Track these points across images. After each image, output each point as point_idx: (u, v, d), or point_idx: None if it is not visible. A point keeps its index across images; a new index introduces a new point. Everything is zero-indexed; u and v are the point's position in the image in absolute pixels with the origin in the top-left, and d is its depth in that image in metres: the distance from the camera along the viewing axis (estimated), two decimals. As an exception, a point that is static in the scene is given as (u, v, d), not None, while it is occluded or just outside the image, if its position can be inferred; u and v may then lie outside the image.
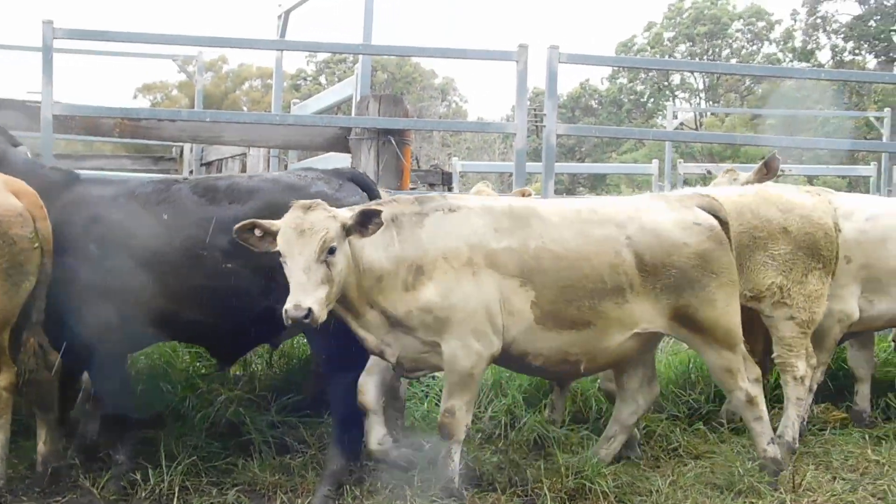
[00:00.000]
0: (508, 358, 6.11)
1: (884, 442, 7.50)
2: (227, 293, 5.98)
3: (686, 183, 18.11)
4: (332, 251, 5.41)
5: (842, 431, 7.79)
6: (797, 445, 7.19)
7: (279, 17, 13.54)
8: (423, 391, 7.99)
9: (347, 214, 5.55)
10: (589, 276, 5.98)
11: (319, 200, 5.56)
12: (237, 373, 8.01)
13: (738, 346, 6.42)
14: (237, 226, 5.55)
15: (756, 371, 6.56)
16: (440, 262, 5.78)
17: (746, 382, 6.42)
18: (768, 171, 8.61)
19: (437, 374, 7.76)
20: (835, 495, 6.32)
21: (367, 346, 5.93)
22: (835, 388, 8.44)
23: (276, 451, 6.86)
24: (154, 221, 6.15)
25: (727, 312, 6.31)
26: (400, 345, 5.90)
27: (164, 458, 6.38)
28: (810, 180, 29.46)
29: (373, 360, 6.20)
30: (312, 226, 5.39)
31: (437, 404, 7.83)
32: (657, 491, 6.27)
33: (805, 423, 7.47)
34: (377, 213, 5.52)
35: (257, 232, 5.54)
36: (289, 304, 5.26)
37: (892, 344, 8.60)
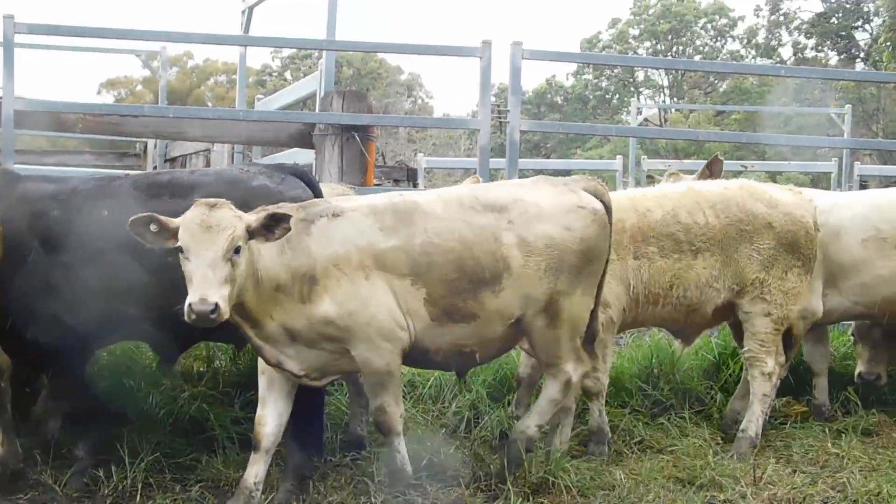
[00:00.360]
0: (410, 356, 5.98)
1: (843, 435, 7.55)
2: (167, 289, 5.85)
3: (650, 178, 18.20)
4: (237, 250, 5.27)
5: (802, 425, 7.85)
6: (759, 440, 7.26)
7: (243, 12, 13.51)
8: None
9: (253, 217, 5.40)
10: (472, 267, 5.84)
11: (224, 200, 5.42)
12: (201, 369, 7.99)
13: (575, 335, 6.26)
14: (132, 218, 5.34)
15: (588, 366, 6.42)
16: (331, 270, 5.64)
17: (572, 371, 6.25)
18: (711, 173, 8.66)
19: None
20: (795, 488, 6.35)
21: (265, 357, 5.78)
22: (796, 382, 8.50)
23: (240, 448, 6.82)
24: (95, 218, 6.09)
25: (582, 301, 6.19)
26: (302, 357, 5.76)
27: (128, 454, 6.33)
28: (773, 176, 29.73)
29: (267, 390, 5.99)
30: (220, 222, 5.25)
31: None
32: (620, 485, 6.30)
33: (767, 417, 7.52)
34: (286, 217, 5.39)
35: (153, 227, 5.34)
36: (193, 298, 5.10)
37: (852, 338, 8.68)
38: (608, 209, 6.26)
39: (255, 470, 5.87)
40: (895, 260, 7.76)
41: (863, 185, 16.32)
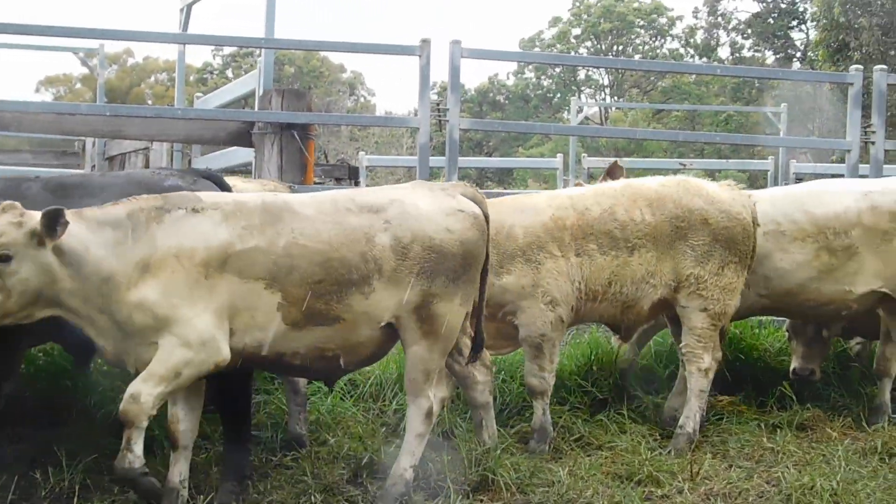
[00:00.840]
0: (264, 361, 5.80)
1: (779, 430, 7.65)
2: None
3: (591, 177, 18.34)
4: (4, 259, 5.15)
5: (738, 420, 7.95)
6: (696, 436, 7.36)
7: (181, 10, 13.41)
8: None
9: (35, 220, 5.24)
10: (339, 269, 5.67)
11: (15, 203, 5.31)
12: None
13: (446, 351, 6.16)
14: None
15: (447, 392, 6.37)
16: (170, 260, 5.42)
17: (433, 396, 6.07)
18: (612, 178, 8.78)
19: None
20: (731, 483, 6.44)
21: (105, 355, 5.61)
22: (732, 377, 8.61)
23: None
24: None
25: (459, 312, 6.06)
26: (139, 353, 5.50)
27: (66, 456, 6.27)
28: (712, 174, 30.03)
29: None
30: None
31: (342, 398, 7.86)
32: (559, 481, 6.33)
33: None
34: (60, 212, 5.19)
35: None
36: None
37: (787, 333, 8.81)
38: (486, 216, 6.19)
39: (179, 468, 5.77)
40: (793, 253, 7.89)
41: (799, 182, 16.56)
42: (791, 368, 8.52)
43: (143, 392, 5.38)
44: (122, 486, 5.87)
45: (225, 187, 6.54)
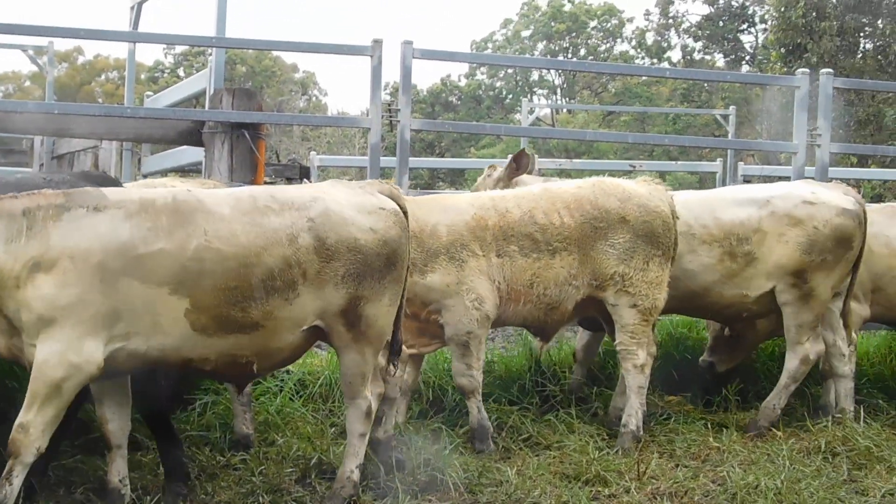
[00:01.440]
0: (171, 366, 5.54)
1: (724, 430, 7.76)
2: None
3: (542, 177, 18.42)
4: None
5: (685, 420, 8.03)
6: (641, 434, 7.42)
7: (132, 7, 13.34)
8: (277, 385, 7.93)
9: None
10: (259, 275, 5.39)
11: None
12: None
13: (378, 352, 6.04)
14: None
15: (382, 388, 6.26)
16: (64, 260, 5.11)
17: (371, 395, 5.98)
18: (518, 166, 8.93)
19: (290, 368, 7.77)
20: (677, 482, 6.50)
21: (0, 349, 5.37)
22: (678, 376, 8.70)
23: (129, 450, 6.74)
24: None
25: (388, 312, 5.92)
26: (27, 351, 5.23)
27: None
28: (661, 176, 30.26)
29: (99, 387, 5.70)
30: None
31: (291, 399, 7.83)
32: (507, 481, 6.36)
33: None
34: None
35: None
36: None
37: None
38: (405, 213, 6.04)
39: (116, 468, 5.73)
40: (701, 255, 8.00)
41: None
42: (700, 359, 8.78)
43: (33, 423, 5.15)
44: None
45: None
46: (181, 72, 51.29)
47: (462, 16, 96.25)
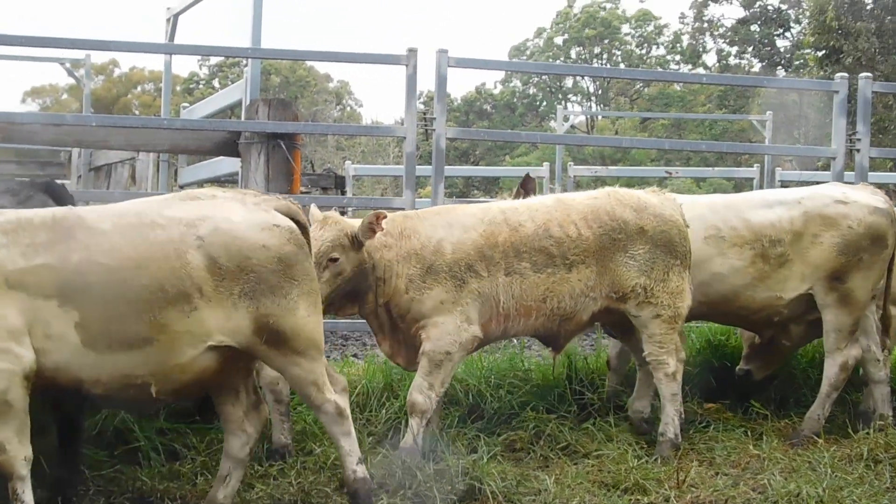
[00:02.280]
0: (61, 389, 5.36)
1: (764, 437, 7.69)
2: None
3: (578, 185, 18.40)
4: None
5: (724, 427, 7.96)
6: (680, 441, 7.36)
7: (168, 20, 13.43)
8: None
9: None
10: (147, 287, 5.28)
11: None
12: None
13: (320, 357, 5.87)
14: None
15: (343, 382, 6.04)
16: None
17: (334, 394, 5.86)
18: (525, 192, 8.84)
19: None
20: (717, 490, 6.44)
21: None
22: (717, 384, 8.63)
23: (165, 458, 6.78)
24: None
25: (309, 322, 5.74)
26: None
27: (49, 468, 6.25)
28: (698, 182, 30.17)
29: None
30: None
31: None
32: (545, 490, 6.33)
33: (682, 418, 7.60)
34: None
35: None
36: None
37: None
38: (304, 228, 5.91)
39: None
40: (731, 258, 7.92)
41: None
42: (737, 368, 8.68)
43: (6, 440, 5.13)
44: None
45: (64, 199, 6.38)
46: (216, 83, 51.69)
47: (495, 24, 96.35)
